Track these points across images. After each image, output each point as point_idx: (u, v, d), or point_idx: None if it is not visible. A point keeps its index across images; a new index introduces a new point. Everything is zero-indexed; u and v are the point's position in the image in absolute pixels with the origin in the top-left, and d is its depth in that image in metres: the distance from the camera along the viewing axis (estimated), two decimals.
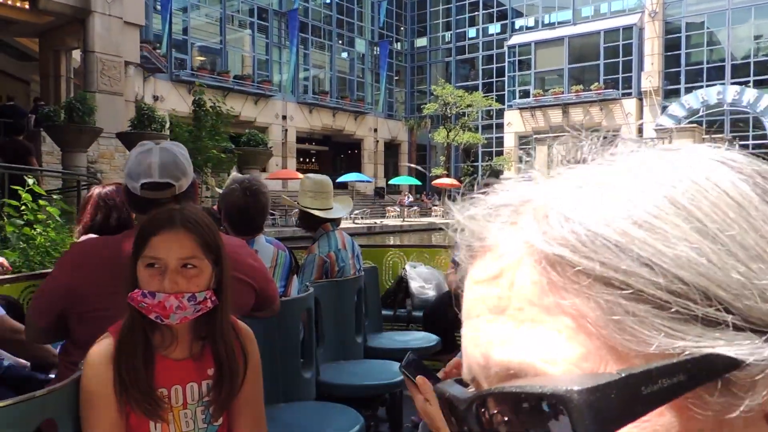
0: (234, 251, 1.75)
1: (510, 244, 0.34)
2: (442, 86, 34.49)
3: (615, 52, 35.20)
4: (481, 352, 0.34)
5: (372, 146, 40.62)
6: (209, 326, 1.35)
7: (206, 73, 29.76)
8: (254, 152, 13.63)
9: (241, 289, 1.80)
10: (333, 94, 37.63)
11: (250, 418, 1.42)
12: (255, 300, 1.90)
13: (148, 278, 1.27)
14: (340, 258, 3.09)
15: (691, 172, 0.33)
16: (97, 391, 1.26)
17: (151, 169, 1.71)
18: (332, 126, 37.73)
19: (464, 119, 35.67)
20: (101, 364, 1.27)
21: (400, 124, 42.59)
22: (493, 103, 35.38)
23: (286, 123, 34.52)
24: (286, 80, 34.67)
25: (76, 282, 1.62)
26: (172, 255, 1.28)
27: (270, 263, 2.54)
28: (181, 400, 1.33)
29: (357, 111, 38.77)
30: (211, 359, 1.36)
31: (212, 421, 1.36)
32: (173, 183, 1.73)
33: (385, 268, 4.73)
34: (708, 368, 0.29)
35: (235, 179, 2.68)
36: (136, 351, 1.27)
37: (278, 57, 34.75)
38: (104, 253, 1.66)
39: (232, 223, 2.54)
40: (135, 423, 1.28)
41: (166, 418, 1.30)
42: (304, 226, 3.27)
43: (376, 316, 3.81)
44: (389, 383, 2.73)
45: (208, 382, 1.35)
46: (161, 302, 1.25)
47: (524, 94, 38.18)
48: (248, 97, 32.10)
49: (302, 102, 35.57)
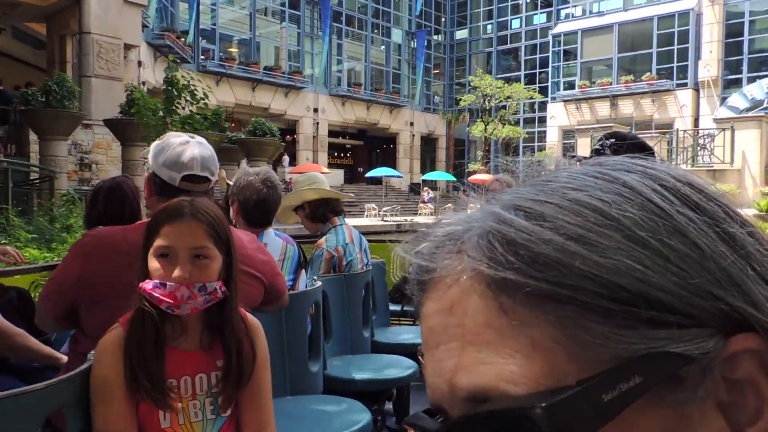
0: (243, 245, 1.80)
1: (457, 272, 0.35)
2: (481, 77, 32.76)
3: (669, 40, 32.74)
4: (444, 380, 0.35)
5: (408, 140, 39.27)
6: (219, 317, 1.37)
7: (234, 64, 29.01)
8: (259, 143, 12.47)
9: (251, 283, 1.83)
10: (367, 86, 36.44)
11: (259, 409, 1.44)
12: (264, 294, 1.92)
13: (159, 268, 1.30)
14: (348, 252, 3.08)
15: (616, 185, 0.34)
16: (107, 380, 1.27)
17: (193, 162, 1.74)
18: (366, 119, 36.58)
19: (503, 111, 33.87)
20: (112, 354, 1.28)
21: (438, 118, 41.09)
22: (535, 94, 33.47)
23: (317, 116, 33.58)
24: (318, 72, 33.66)
25: (87, 271, 1.62)
26: (184, 245, 1.30)
27: (279, 257, 2.55)
28: (191, 391, 1.35)
29: (392, 104, 37.49)
30: (220, 350, 1.38)
31: (221, 412, 1.38)
32: (210, 178, 1.77)
33: (393, 263, 4.62)
34: (660, 367, 0.31)
35: (248, 172, 2.66)
36: (146, 341, 1.28)
37: (310, 48, 33.80)
38: (116, 243, 1.64)
39: (247, 215, 2.55)
40: (144, 412, 1.30)
41: (176, 408, 1.32)
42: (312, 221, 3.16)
43: (383, 311, 3.78)
44: (396, 378, 2.75)
45: (218, 374, 1.37)
46: (172, 292, 1.28)
47: (569, 85, 36.11)
48: (278, 89, 31.28)
49: (335, 94, 34.54)
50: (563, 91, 36.05)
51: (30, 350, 1.96)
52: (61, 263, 1.77)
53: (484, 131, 33.54)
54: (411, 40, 39.84)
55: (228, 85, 29.15)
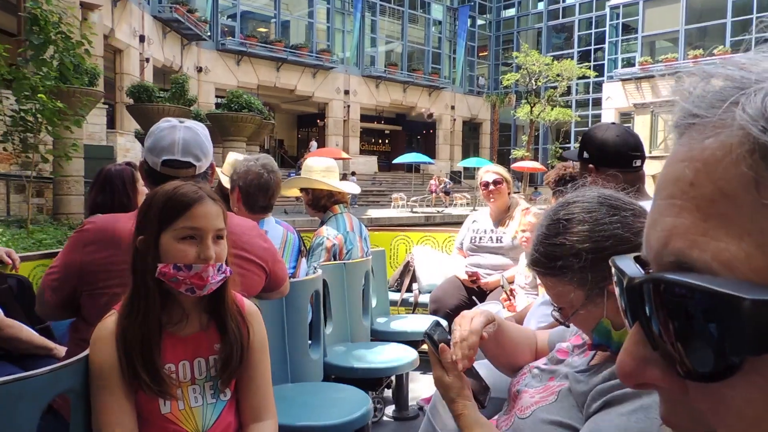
0: (245, 232, 1.85)
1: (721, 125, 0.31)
2: (526, 53, 29.78)
3: (747, 7, 28.81)
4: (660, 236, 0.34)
5: (448, 125, 36.68)
6: (216, 300, 1.38)
7: (256, 42, 27.21)
8: (234, 119, 10.38)
9: (252, 270, 1.84)
10: (404, 66, 34.01)
11: (259, 393, 1.44)
12: (265, 281, 1.93)
13: (182, 250, 1.29)
14: (348, 240, 3.12)
15: None
16: (104, 368, 1.27)
17: (173, 147, 1.72)
18: (402, 102, 34.26)
19: (552, 92, 30.77)
20: (106, 342, 1.28)
21: (482, 101, 38.28)
22: (588, 71, 30.26)
23: (348, 98, 31.56)
24: (350, 51, 31.48)
25: (88, 259, 1.62)
26: (210, 226, 1.32)
27: (279, 244, 2.58)
28: (189, 376, 1.36)
29: (431, 85, 34.99)
30: (216, 334, 1.39)
31: (220, 395, 1.38)
32: (194, 163, 1.75)
33: (391, 252, 4.76)
34: None
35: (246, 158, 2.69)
36: (141, 328, 1.28)
37: (341, 25, 31.63)
38: (116, 230, 1.63)
39: (249, 201, 2.57)
40: (144, 399, 1.30)
41: (175, 395, 1.31)
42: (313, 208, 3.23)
43: (382, 300, 3.86)
44: (396, 366, 2.78)
45: (215, 357, 1.38)
46: (198, 273, 1.29)
47: (628, 63, 32.63)
48: (305, 69, 29.39)
49: (368, 75, 32.38)
50: (621, 69, 32.61)
51: (20, 341, 2.03)
52: (62, 251, 1.73)
53: (530, 114, 30.57)
54: (453, 16, 37.02)
55: (250, 65, 27.44)
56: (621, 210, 1.12)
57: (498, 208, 3.79)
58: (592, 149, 2.34)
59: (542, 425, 1.15)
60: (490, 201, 3.78)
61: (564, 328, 1.35)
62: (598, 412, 1.05)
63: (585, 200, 1.16)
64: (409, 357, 2.82)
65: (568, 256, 1.11)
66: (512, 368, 1.44)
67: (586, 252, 1.09)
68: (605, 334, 1.12)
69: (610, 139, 2.31)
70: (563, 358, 1.30)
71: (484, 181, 3.75)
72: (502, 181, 3.71)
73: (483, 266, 3.77)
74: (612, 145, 2.29)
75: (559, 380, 1.23)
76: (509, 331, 1.43)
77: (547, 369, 1.31)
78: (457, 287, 3.77)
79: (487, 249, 3.79)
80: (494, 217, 3.83)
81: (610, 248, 1.08)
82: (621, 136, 2.32)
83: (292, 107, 33.46)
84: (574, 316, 1.15)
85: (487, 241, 3.79)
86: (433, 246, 4.66)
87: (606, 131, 2.36)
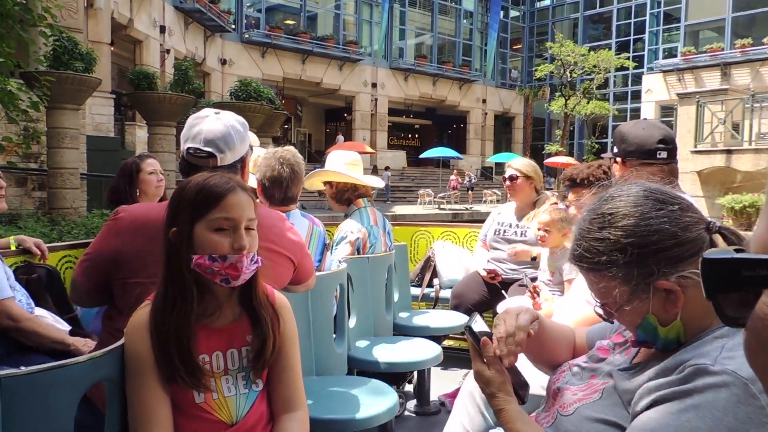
0: (274, 224, 1.87)
1: None
2: (561, 43, 28.71)
3: None
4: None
5: (479, 119, 35.82)
6: (247, 291, 1.40)
7: (281, 34, 26.85)
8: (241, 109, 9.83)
9: (280, 262, 1.86)
10: (433, 59, 33.30)
11: (290, 383, 1.46)
12: (293, 274, 1.95)
13: (216, 241, 1.31)
14: (372, 234, 3.14)
15: None
16: (139, 358, 1.29)
17: (198, 136, 1.76)
18: (432, 96, 33.63)
19: (588, 84, 29.62)
20: (141, 333, 1.30)
21: (515, 95, 37.31)
22: (627, 62, 29.07)
23: (376, 91, 31.10)
24: (378, 43, 30.90)
25: (121, 248, 1.65)
26: (243, 216, 1.34)
27: (305, 237, 2.56)
28: (222, 366, 1.38)
29: (462, 78, 34.23)
30: (249, 325, 1.41)
31: (252, 386, 1.41)
32: (215, 154, 1.76)
33: (412, 247, 4.76)
34: None
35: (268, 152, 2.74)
36: (176, 320, 1.30)
37: (368, 16, 31.09)
38: (148, 220, 1.65)
39: (267, 194, 2.62)
40: (178, 388, 1.31)
41: (209, 387, 1.33)
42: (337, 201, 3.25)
43: (404, 295, 3.83)
44: (420, 361, 2.80)
45: (248, 348, 1.40)
46: (233, 263, 1.31)
47: (669, 53, 31.31)
48: (331, 62, 29.00)
49: (396, 68, 31.87)
50: (662, 60, 31.27)
51: (38, 335, 2.03)
52: (96, 240, 1.76)
53: (564, 107, 29.53)
54: (485, 7, 36.09)
55: (275, 57, 27.14)
56: (668, 204, 1.10)
57: (520, 203, 3.82)
58: (618, 143, 2.42)
59: (587, 423, 1.15)
60: (510, 196, 3.85)
61: (604, 326, 1.39)
62: (645, 410, 1.03)
63: (630, 194, 1.14)
64: (433, 352, 2.84)
65: (613, 251, 1.10)
66: (551, 365, 1.44)
67: (632, 247, 1.08)
68: (651, 331, 1.11)
69: (634, 132, 2.39)
70: (604, 357, 1.29)
71: (504, 176, 3.86)
72: (518, 177, 3.72)
73: (506, 261, 3.75)
74: (636, 137, 2.37)
75: (601, 378, 1.22)
76: (549, 328, 1.43)
77: (587, 367, 1.30)
78: (478, 283, 3.79)
79: (512, 243, 3.77)
80: (517, 211, 3.86)
81: (656, 243, 1.07)
82: (647, 129, 2.39)
83: (319, 101, 33.10)
84: (619, 312, 1.14)
85: (512, 234, 3.81)
86: (454, 241, 4.67)
87: (633, 125, 2.45)
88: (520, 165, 3.75)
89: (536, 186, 3.74)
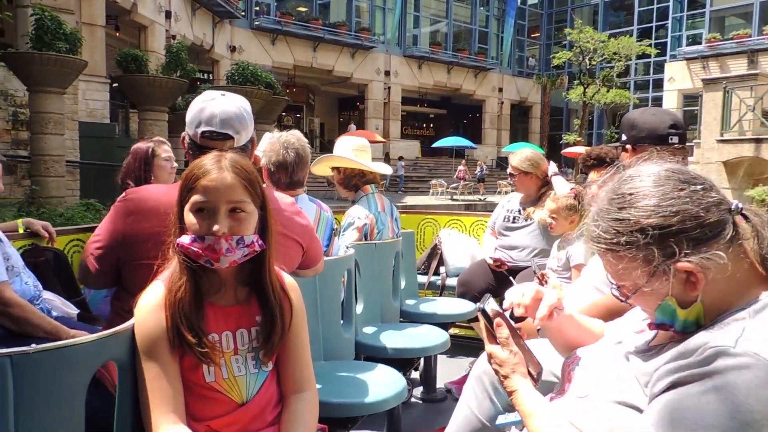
0: (283, 208, 1.92)
1: None
2: (580, 29, 28.00)
3: None
4: None
5: (495, 108, 35.23)
6: (256, 272, 1.42)
7: (292, 20, 26.43)
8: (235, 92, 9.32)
9: (289, 246, 1.91)
10: (448, 46, 32.75)
11: (299, 364, 1.48)
12: (301, 258, 2.01)
13: (195, 223, 1.33)
14: (379, 221, 3.17)
15: None
16: (150, 337, 1.31)
17: (213, 119, 1.76)
18: (446, 84, 33.16)
19: (607, 71, 28.89)
20: (153, 311, 1.33)
21: (532, 83, 36.63)
22: (649, 49, 28.34)
23: (389, 80, 30.74)
24: (390, 29, 30.39)
25: (130, 229, 1.68)
26: (222, 198, 1.33)
27: (312, 221, 2.54)
28: (232, 346, 1.39)
29: (477, 66, 33.71)
30: (257, 306, 1.43)
31: (262, 366, 1.42)
32: (233, 135, 1.78)
33: (418, 235, 4.79)
34: None
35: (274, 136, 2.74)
36: (187, 297, 1.33)
37: (382, 2, 30.71)
38: (157, 201, 1.69)
39: (272, 178, 2.65)
40: (188, 366, 1.34)
41: (219, 362, 1.35)
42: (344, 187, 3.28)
43: (411, 281, 3.88)
44: (427, 347, 2.81)
45: (257, 328, 1.42)
46: (211, 245, 1.31)
47: (693, 40, 30.45)
48: (343, 49, 28.66)
49: (409, 55, 31.42)
50: (686, 47, 30.42)
51: (28, 324, 1.99)
52: (105, 221, 1.79)
53: (582, 95, 28.84)
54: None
55: (285, 45, 26.78)
56: (690, 184, 1.09)
57: (525, 194, 3.90)
58: (627, 130, 2.43)
59: (603, 405, 1.15)
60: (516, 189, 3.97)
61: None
62: (664, 392, 1.03)
63: (651, 173, 1.12)
64: (440, 338, 2.86)
65: (633, 232, 1.08)
66: None
67: (653, 228, 1.06)
68: (670, 314, 1.10)
69: (644, 118, 2.40)
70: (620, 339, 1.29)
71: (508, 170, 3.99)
72: (516, 175, 3.83)
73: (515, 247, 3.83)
74: (646, 122, 2.38)
75: (617, 360, 1.22)
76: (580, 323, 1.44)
77: (603, 349, 1.30)
78: (485, 271, 3.84)
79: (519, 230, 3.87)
80: (522, 200, 3.95)
81: (677, 224, 1.05)
82: (657, 115, 2.42)
83: (332, 89, 32.76)
84: (637, 294, 1.13)
85: (522, 221, 3.88)
86: (461, 230, 4.72)
87: (642, 112, 2.47)
88: (517, 162, 3.79)
89: (538, 175, 3.78)
